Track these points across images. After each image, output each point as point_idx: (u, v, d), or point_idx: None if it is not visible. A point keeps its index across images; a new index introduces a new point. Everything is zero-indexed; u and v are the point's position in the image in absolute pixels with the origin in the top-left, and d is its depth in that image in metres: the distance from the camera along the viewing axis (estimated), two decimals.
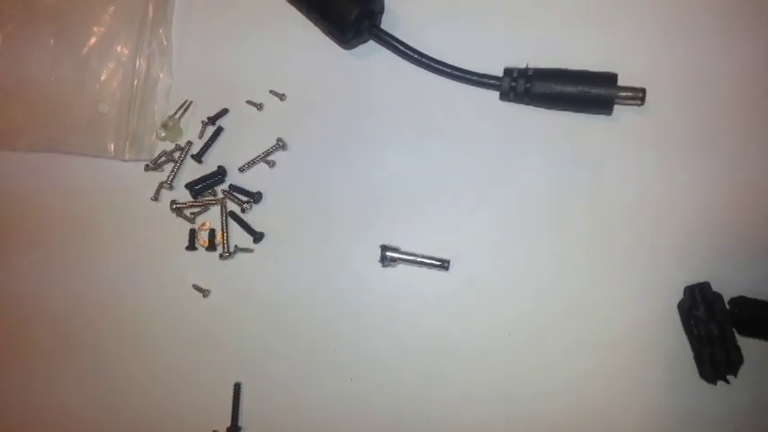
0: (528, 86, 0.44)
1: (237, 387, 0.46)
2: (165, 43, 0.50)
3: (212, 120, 0.49)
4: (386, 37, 0.47)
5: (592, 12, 0.47)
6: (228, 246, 0.48)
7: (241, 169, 0.49)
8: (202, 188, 0.48)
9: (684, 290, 0.43)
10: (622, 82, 0.44)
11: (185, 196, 0.49)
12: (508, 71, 0.45)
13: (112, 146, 0.49)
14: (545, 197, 0.45)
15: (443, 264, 0.45)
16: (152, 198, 0.49)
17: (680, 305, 0.43)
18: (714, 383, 0.42)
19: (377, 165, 0.47)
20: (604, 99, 0.44)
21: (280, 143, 0.48)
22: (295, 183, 0.48)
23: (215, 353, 0.47)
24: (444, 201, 0.46)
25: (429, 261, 0.45)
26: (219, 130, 0.49)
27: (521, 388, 0.44)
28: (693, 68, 0.46)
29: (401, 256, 0.45)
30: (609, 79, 0.44)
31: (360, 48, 0.49)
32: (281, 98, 0.49)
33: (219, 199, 0.48)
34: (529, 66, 0.45)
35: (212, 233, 0.48)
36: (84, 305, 0.48)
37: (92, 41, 0.50)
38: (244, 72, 0.49)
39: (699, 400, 0.43)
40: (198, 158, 0.49)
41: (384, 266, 0.46)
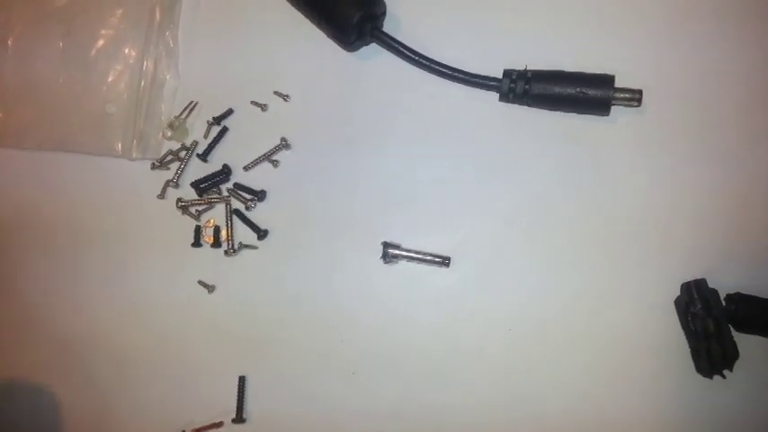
0: (527, 88, 0.45)
1: (242, 380, 0.47)
2: (172, 45, 0.51)
3: (217, 120, 0.50)
4: (388, 40, 0.47)
5: (590, 15, 0.48)
6: (233, 243, 0.48)
7: (246, 168, 0.49)
8: (208, 186, 0.49)
9: (681, 286, 0.43)
10: (620, 83, 0.45)
11: (191, 194, 0.49)
12: (507, 73, 0.46)
13: (120, 145, 0.50)
14: (543, 196, 0.46)
15: (444, 261, 0.46)
16: (158, 196, 0.49)
17: (677, 301, 0.44)
18: (710, 378, 0.42)
19: (379, 164, 0.48)
20: (602, 100, 0.45)
21: (283, 143, 0.49)
22: (298, 181, 0.49)
23: (220, 346, 0.47)
24: (445, 199, 0.47)
25: (430, 258, 0.46)
26: (224, 130, 0.50)
27: (520, 382, 0.45)
28: (690, 70, 0.46)
29: (403, 253, 0.46)
30: (606, 81, 0.45)
31: (362, 50, 0.49)
32: (285, 99, 0.50)
33: (224, 197, 0.49)
34: (528, 67, 0.46)
35: (217, 230, 0.49)
36: (91, 301, 0.49)
37: (100, 43, 0.51)
38: (248, 73, 0.50)
39: (696, 394, 0.43)
40: (203, 157, 0.50)
41: (386, 263, 0.46)
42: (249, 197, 0.48)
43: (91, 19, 0.51)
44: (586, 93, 0.45)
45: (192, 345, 0.48)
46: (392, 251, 0.46)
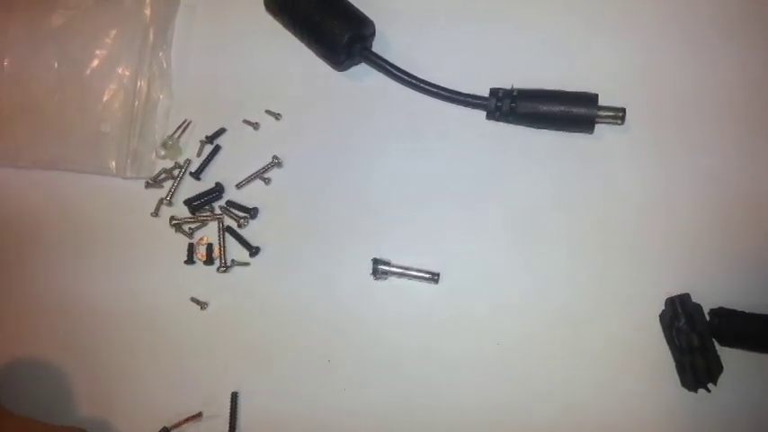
0: (513, 106, 0.46)
1: (235, 396, 0.47)
2: (165, 66, 0.52)
3: (210, 138, 0.51)
4: (377, 60, 0.48)
5: (574, 34, 0.49)
6: (226, 260, 0.49)
7: (238, 186, 0.50)
8: (200, 204, 0.49)
9: (666, 301, 0.44)
10: (604, 102, 0.45)
11: (184, 212, 0.50)
12: (494, 92, 0.47)
13: (114, 164, 0.50)
14: (529, 212, 0.47)
15: (433, 277, 0.46)
16: (152, 214, 0.50)
17: (661, 316, 0.44)
18: (695, 391, 0.43)
19: (369, 182, 0.49)
20: (586, 118, 0.45)
21: (275, 161, 0.49)
22: (290, 199, 0.49)
23: (213, 363, 0.48)
24: (434, 216, 0.48)
25: (419, 274, 0.46)
26: (217, 149, 0.51)
27: (507, 395, 0.45)
28: (672, 88, 0.47)
29: (393, 270, 0.46)
30: (590, 100, 0.45)
31: (352, 69, 0.50)
32: (277, 118, 0.50)
33: (217, 215, 0.49)
34: (513, 86, 0.47)
35: (210, 247, 0.49)
36: (85, 317, 0.49)
37: (94, 63, 0.51)
38: (240, 93, 0.51)
39: (680, 408, 0.44)
40: (196, 176, 0.50)
41: (376, 279, 0.47)
42: (241, 215, 0.49)
43: (85, 39, 0.51)
44: (571, 111, 0.45)
45: (185, 361, 0.48)
46: (382, 267, 0.46)
